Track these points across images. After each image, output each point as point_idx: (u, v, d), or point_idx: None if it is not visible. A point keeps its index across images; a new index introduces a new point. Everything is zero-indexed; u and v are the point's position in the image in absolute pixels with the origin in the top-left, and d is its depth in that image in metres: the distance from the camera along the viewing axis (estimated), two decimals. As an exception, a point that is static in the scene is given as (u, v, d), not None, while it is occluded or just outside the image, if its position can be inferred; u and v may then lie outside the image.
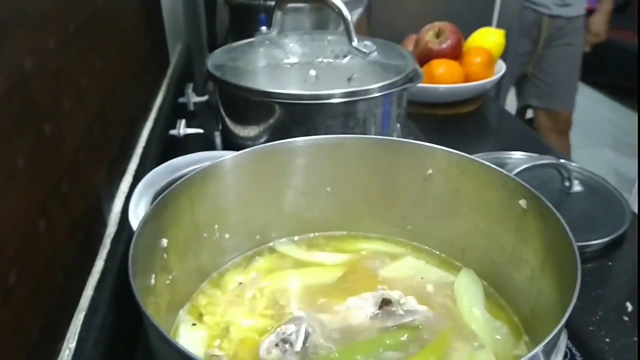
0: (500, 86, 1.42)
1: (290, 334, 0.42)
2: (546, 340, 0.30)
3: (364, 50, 0.66)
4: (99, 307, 0.47)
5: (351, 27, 0.64)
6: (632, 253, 0.67)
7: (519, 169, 0.67)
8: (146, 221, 0.39)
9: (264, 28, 0.72)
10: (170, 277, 0.43)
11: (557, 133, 1.89)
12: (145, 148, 0.71)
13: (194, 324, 0.45)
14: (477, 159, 0.48)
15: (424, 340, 0.43)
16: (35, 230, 0.40)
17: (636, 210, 0.73)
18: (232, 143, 0.68)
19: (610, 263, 0.65)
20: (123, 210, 0.59)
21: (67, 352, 0.43)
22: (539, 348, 0.30)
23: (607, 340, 0.54)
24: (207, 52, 1.03)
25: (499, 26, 1.38)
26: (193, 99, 0.94)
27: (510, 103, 1.84)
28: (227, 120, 0.68)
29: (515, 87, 1.92)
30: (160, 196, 0.41)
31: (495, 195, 0.47)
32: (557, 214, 0.40)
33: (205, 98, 0.96)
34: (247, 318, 0.46)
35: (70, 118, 0.49)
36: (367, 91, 0.61)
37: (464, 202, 0.50)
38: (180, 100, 0.94)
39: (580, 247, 0.64)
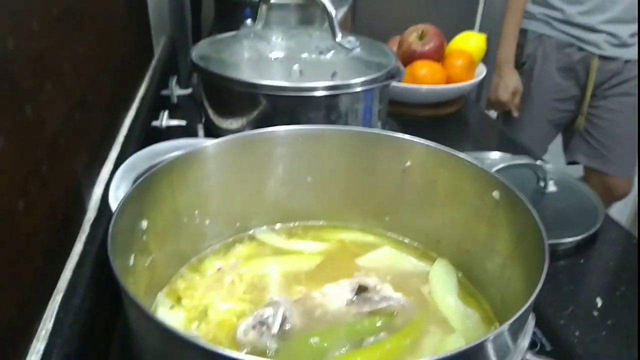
0: (481, 89, 1.44)
1: (268, 317, 0.43)
2: (512, 319, 0.31)
3: (347, 46, 0.67)
4: (77, 289, 0.47)
5: (335, 22, 0.66)
6: (604, 251, 0.70)
7: (495, 168, 0.69)
8: (126, 201, 0.39)
9: (249, 21, 0.72)
10: (150, 259, 0.44)
11: (612, 201, 1.52)
12: (127, 137, 0.71)
13: (172, 307, 0.45)
14: (453, 151, 0.49)
15: (399, 325, 0.44)
16: (15, 209, 0.40)
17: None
18: (214, 134, 0.68)
19: (582, 261, 0.68)
20: (103, 197, 0.58)
21: (44, 331, 0.43)
22: (505, 326, 0.31)
23: (577, 333, 0.56)
24: (192, 45, 1.03)
25: (481, 30, 1.40)
26: (176, 91, 0.94)
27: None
28: (210, 111, 0.69)
29: (562, 137, 1.55)
30: (142, 178, 0.42)
31: (470, 188, 0.48)
32: (528, 203, 0.41)
33: (189, 91, 0.96)
34: (226, 302, 0.46)
35: (52, 101, 0.49)
36: (349, 85, 0.62)
37: (440, 194, 0.51)
38: (164, 92, 0.94)
39: (553, 245, 0.67)
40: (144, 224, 0.42)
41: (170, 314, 0.44)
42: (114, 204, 0.44)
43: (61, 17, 0.53)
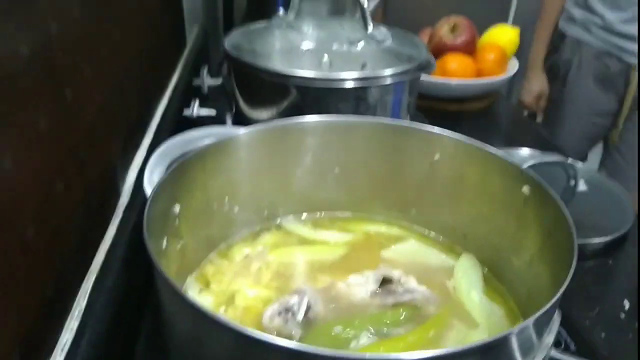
0: (512, 84, 1.41)
1: (293, 305, 0.44)
2: (538, 314, 0.31)
3: (379, 37, 0.67)
4: (109, 271, 0.48)
5: (367, 13, 0.66)
6: (633, 253, 0.68)
7: (525, 165, 0.67)
8: (161, 186, 0.40)
9: (281, 11, 0.73)
10: (181, 243, 0.45)
11: None
12: (160, 124, 0.72)
13: (200, 290, 0.46)
14: (483, 145, 0.49)
15: (422, 318, 0.45)
16: (53, 190, 0.42)
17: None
18: (244, 124, 0.69)
19: (610, 262, 0.66)
20: (136, 182, 0.60)
21: (78, 310, 0.44)
22: (530, 320, 0.31)
23: (603, 335, 0.55)
24: (223, 35, 1.04)
25: (514, 24, 1.37)
26: (207, 81, 0.95)
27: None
28: (240, 100, 0.70)
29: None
30: (175, 164, 0.43)
31: (499, 182, 0.48)
32: (559, 199, 0.41)
33: (219, 81, 0.97)
34: (252, 288, 0.47)
35: (90, 86, 0.51)
36: (379, 77, 0.62)
37: (468, 188, 0.51)
38: (195, 81, 0.96)
39: (581, 245, 0.66)
40: (177, 208, 0.44)
41: (199, 298, 0.45)
42: (148, 188, 0.45)
43: (100, 4, 0.54)
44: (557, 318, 0.37)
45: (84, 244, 0.48)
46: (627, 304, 0.59)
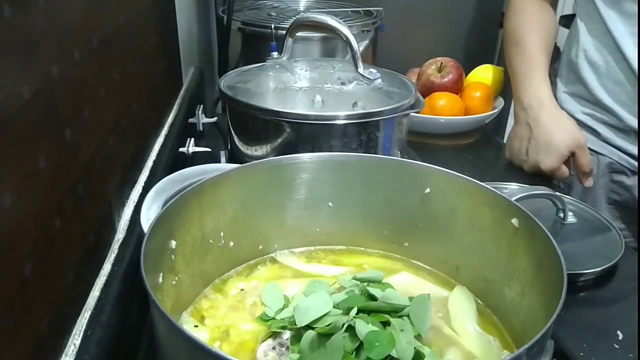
0: (499, 120, 1.44)
1: (287, 339, 0.44)
2: (530, 343, 0.32)
3: (369, 77, 0.69)
4: (104, 307, 0.48)
5: (358, 54, 0.68)
6: (624, 283, 0.69)
7: (515, 198, 0.69)
8: (158, 222, 0.41)
9: (274, 54, 0.75)
10: (177, 278, 0.45)
11: None
12: (156, 162, 0.74)
13: (196, 326, 0.46)
14: (472, 179, 0.50)
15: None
16: (51, 227, 0.42)
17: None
18: (239, 161, 0.70)
19: (602, 292, 0.67)
20: (132, 219, 0.61)
21: (72, 347, 0.44)
22: (522, 350, 0.32)
23: (598, 366, 0.55)
24: (218, 76, 1.07)
25: (499, 64, 1.42)
26: (202, 119, 0.98)
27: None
28: (235, 138, 0.71)
29: None
30: (172, 199, 0.43)
31: (489, 215, 0.49)
32: (546, 231, 0.42)
33: (214, 119, 0.99)
34: (247, 323, 0.47)
35: (89, 126, 0.52)
36: (369, 115, 0.64)
37: (459, 221, 0.52)
38: (191, 120, 0.98)
39: (573, 276, 0.67)
40: (173, 243, 0.44)
41: (194, 333, 0.45)
42: (145, 224, 0.46)
43: (100, 46, 0.56)
44: (550, 349, 0.38)
45: (80, 279, 0.48)
46: (620, 335, 0.60)
